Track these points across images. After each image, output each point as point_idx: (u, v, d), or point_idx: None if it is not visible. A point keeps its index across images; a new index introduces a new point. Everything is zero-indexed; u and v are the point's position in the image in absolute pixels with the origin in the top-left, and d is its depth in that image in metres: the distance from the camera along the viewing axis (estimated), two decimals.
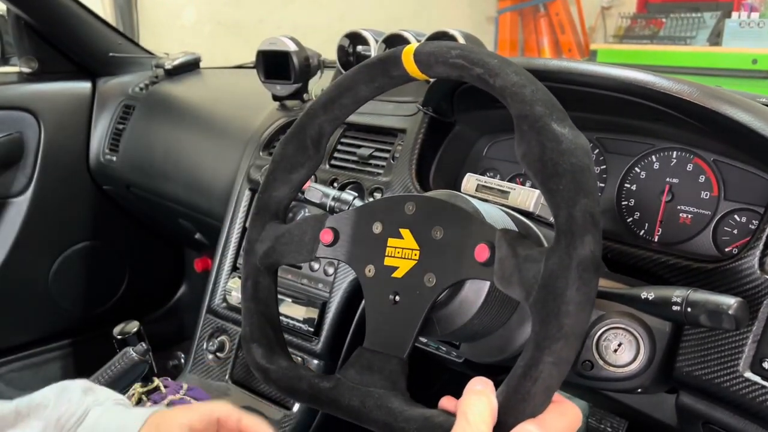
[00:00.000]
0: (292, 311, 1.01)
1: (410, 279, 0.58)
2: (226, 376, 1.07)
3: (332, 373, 0.98)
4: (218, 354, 1.09)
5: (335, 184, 1.02)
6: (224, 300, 1.11)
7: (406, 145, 0.96)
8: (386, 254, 0.60)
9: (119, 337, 0.89)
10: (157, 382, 0.90)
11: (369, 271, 0.61)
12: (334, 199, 0.77)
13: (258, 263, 0.67)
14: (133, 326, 0.90)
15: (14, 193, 1.58)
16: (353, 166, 1.03)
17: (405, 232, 0.59)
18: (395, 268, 0.59)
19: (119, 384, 0.79)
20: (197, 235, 1.51)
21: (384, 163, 1.00)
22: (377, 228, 0.61)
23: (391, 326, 0.58)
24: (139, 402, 0.89)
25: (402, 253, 0.59)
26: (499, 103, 0.55)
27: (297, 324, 1.00)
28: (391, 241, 0.60)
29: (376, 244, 0.61)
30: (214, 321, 1.11)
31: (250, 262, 0.68)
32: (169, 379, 0.97)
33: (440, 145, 0.96)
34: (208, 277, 1.64)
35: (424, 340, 0.86)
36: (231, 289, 1.10)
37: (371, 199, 0.96)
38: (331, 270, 0.99)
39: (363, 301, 0.95)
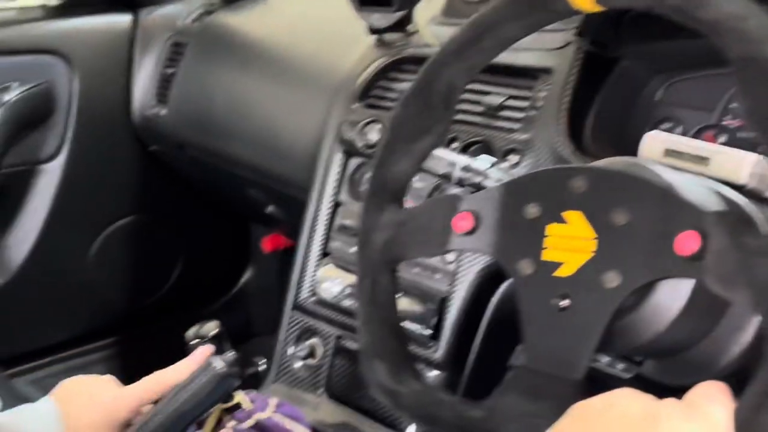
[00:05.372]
0: (402, 308, 1.04)
1: (583, 278, 0.59)
2: (320, 389, 1.12)
3: (454, 387, 1.02)
4: (309, 361, 1.14)
5: (455, 144, 1.03)
6: (313, 293, 1.15)
7: (553, 90, 0.96)
8: (544, 246, 0.62)
9: (195, 341, 0.93)
10: (239, 396, 0.95)
11: (523, 267, 0.62)
12: (463, 168, 0.78)
13: (376, 258, 0.70)
14: (212, 328, 0.94)
15: (44, 159, 1.67)
16: (478, 119, 1.04)
17: (573, 216, 0.60)
18: (559, 264, 0.61)
19: (202, 405, 0.83)
20: (270, 208, 1.57)
21: (521, 115, 1.00)
22: (533, 211, 0.62)
23: (559, 339, 0.60)
24: (219, 423, 0.94)
25: (569, 244, 0.60)
26: (688, 33, 0.55)
27: (409, 325, 1.03)
28: (552, 228, 0.62)
29: (531, 232, 0.62)
30: (301, 319, 1.16)
31: (367, 256, 0.71)
32: (254, 391, 1.02)
33: (599, 88, 0.96)
34: (281, 259, 1.68)
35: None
36: (322, 279, 1.14)
37: (505, 164, 0.97)
38: (451, 257, 1.01)
39: (494, 297, 0.99)
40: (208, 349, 0.88)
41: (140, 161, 1.78)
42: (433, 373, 1.02)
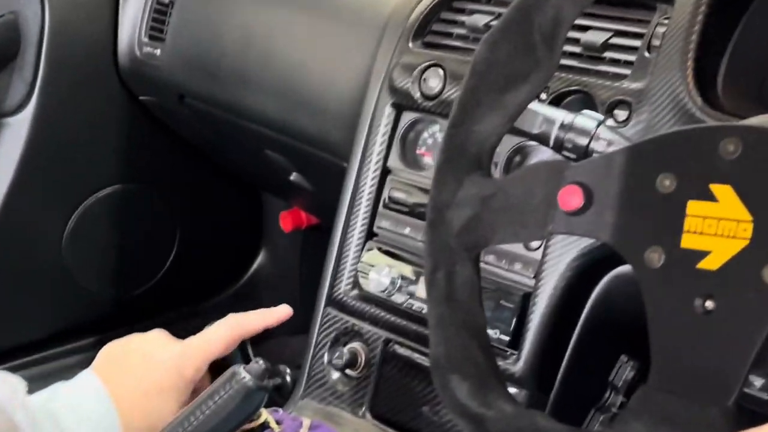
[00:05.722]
0: None
1: (736, 272, 0.59)
2: (363, 408, 1.12)
3: (541, 409, 1.01)
4: (348, 371, 1.14)
5: (544, 96, 1.02)
6: (355, 285, 1.16)
7: (676, 25, 0.94)
8: (685, 229, 0.61)
9: None
10: (265, 415, 0.95)
11: (654, 257, 0.62)
12: (564, 127, 0.77)
13: (453, 243, 0.71)
14: None
15: (7, 111, 1.67)
16: (575, 63, 1.03)
17: (722, 191, 0.60)
18: (704, 254, 0.60)
19: (226, 425, 0.83)
20: (293, 176, 1.57)
21: (632, 58, 0.99)
22: (667, 183, 0.62)
23: (703, 352, 0.59)
24: None
25: (717, 227, 0.60)
26: None
27: None
28: (693, 207, 0.61)
29: (665, 211, 0.62)
30: (339, 318, 1.16)
31: (440, 241, 0.72)
32: (281, 410, 1.02)
33: (735, 25, 0.94)
34: (303, 241, 1.67)
35: None
36: (367, 267, 1.14)
37: (610, 121, 0.95)
38: (535, 243, 1.01)
39: (592, 295, 0.98)
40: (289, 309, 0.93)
41: (128, 115, 1.77)
42: (511, 391, 1.01)
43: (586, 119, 0.77)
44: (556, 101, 1.01)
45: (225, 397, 0.83)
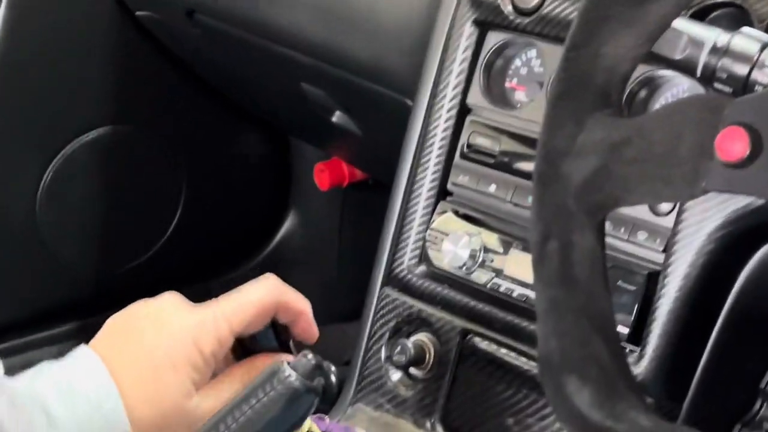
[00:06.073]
0: None
1: None
2: (432, 417, 1.12)
3: (672, 420, 1.00)
4: (413, 370, 1.14)
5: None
6: (422, 259, 1.15)
7: None
8: None
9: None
10: (308, 424, 0.96)
11: None
12: (716, 50, 0.77)
13: (572, 204, 0.69)
14: None
15: None
16: None
17: None
18: None
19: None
20: (336, 116, 1.57)
21: None
22: None
23: None
24: None
25: None
26: None
27: None
28: None
29: None
30: (402, 303, 1.16)
31: (555, 201, 0.71)
32: (326, 418, 1.02)
33: None
34: (344, 201, 1.68)
35: None
36: (438, 237, 1.13)
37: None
38: (667, 205, 1.00)
39: (741, 276, 0.97)
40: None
41: (121, 37, 1.78)
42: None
43: (747, 40, 0.76)
44: (698, 17, 0.98)
45: (265, 401, 0.83)
